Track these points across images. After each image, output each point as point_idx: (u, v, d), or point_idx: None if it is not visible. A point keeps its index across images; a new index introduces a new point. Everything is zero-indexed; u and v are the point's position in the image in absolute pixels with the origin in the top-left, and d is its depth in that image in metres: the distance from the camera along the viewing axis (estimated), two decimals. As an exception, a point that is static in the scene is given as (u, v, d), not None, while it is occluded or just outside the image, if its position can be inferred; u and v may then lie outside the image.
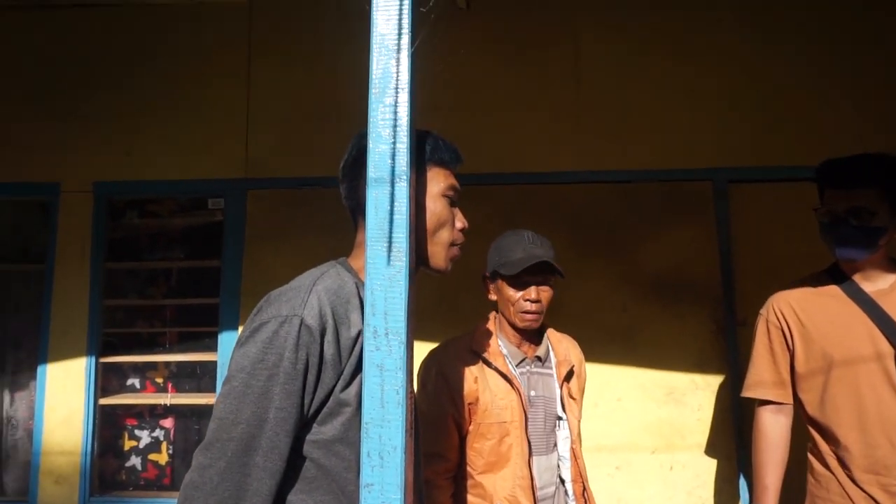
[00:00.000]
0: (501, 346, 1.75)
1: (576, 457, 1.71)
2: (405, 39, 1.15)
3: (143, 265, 3.11)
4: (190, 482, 1.09)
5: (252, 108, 3.00)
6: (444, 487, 1.67)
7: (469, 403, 1.66)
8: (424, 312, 2.66)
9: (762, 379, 1.89)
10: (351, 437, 1.10)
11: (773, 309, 1.88)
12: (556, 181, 2.84)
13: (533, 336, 1.78)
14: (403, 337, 1.06)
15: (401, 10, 1.15)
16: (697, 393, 2.66)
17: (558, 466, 1.71)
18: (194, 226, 3.11)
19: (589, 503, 1.72)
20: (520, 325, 1.72)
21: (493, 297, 1.82)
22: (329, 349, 1.12)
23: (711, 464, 2.62)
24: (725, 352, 2.66)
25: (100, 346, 2.96)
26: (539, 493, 1.64)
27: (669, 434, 2.64)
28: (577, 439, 1.73)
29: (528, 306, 1.70)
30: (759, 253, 2.73)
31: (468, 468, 1.68)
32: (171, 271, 3.11)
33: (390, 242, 1.09)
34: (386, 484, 1.03)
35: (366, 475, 1.03)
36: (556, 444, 1.72)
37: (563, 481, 1.70)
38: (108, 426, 3.01)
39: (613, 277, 2.74)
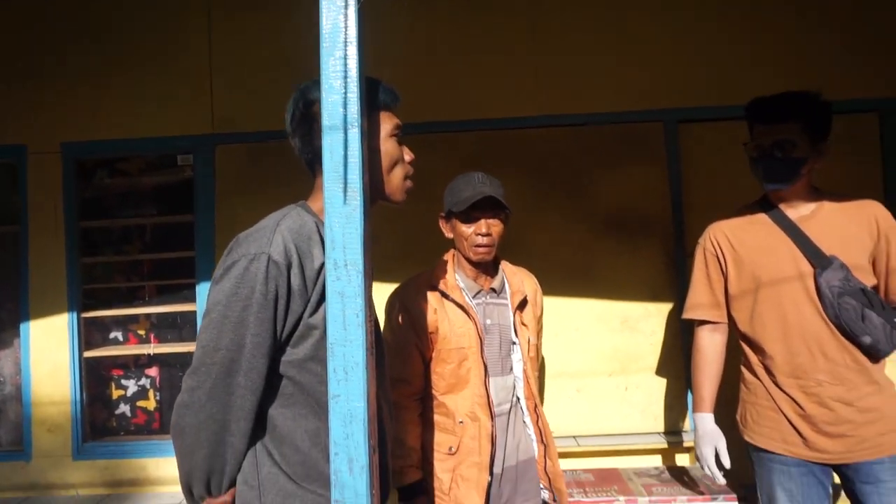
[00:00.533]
0: (459, 279, 1.90)
1: (527, 377, 1.88)
2: (351, -7, 1.24)
3: (116, 223, 3.19)
4: (181, 402, 1.23)
5: (215, 65, 3.03)
6: (412, 408, 1.85)
7: (430, 332, 1.82)
8: (392, 253, 2.82)
9: (699, 301, 2.06)
10: (321, 355, 1.24)
11: (710, 237, 2.04)
12: (516, 126, 2.95)
13: (488, 269, 1.92)
14: (361, 267, 1.19)
15: (346, -34, 1.23)
16: (650, 320, 2.86)
17: (514, 386, 1.88)
18: (165, 182, 3.18)
19: (540, 419, 1.91)
20: (474, 258, 1.86)
21: (449, 235, 1.95)
22: (295, 280, 1.25)
23: (662, 383, 2.85)
24: (676, 281, 2.86)
25: (80, 302, 3.06)
26: (496, 410, 1.81)
27: (624, 359, 2.86)
28: (528, 361, 1.89)
29: (480, 240, 1.83)
30: (707, 188, 2.90)
31: (433, 391, 1.85)
32: (145, 227, 3.19)
33: (345, 183, 1.20)
34: (351, 394, 1.18)
35: (332, 388, 1.18)
36: (511, 367, 1.89)
37: (518, 399, 1.89)
38: (94, 378, 3.14)
39: (571, 216, 2.89)
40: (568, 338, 2.85)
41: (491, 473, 1.79)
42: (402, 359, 1.84)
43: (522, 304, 1.92)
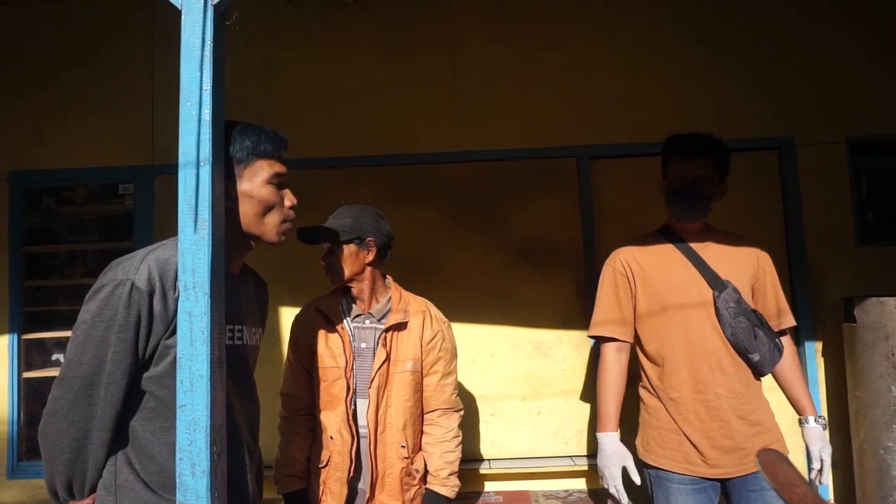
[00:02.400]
0: (344, 302, 2.04)
1: (398, 403, 1.96)
2: (208, 48, 1.40)
3: (58, 248, 3.33)
4: (46, 410, 1.36)
5: (156, 98, 3.22)
6: (299, 422, 1.98)
7: (311, 351, 1.96)
8: (320, 282, 2.96)
9: (607, 319, 2.15)
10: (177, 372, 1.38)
11: (619, 259, 2.16)
12: (437, 161, 3.12)
13: (368, 294, 2.05)
14: (207, 289, 1.33)
15: (204, 24, 1.40)
16: (562, 346, 3.00)
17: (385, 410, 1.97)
18: (107, 211, 3.33)
19: (408, 448, 1.97)
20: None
21: None
22: (157, 306, 1.38)
23: (573, 408, 2.98)
24: (587, 309, 2.98)
25: (21, 324, 3.18)
26: (361, 430, 1.93)
27: (537, 384, 2.99)
28: (403, 388, 1.97)
29: (324, 267, 2.02)
30: (616, 220, 3.07)
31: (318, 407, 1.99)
32: (86, 253, 3.34)
33: (196, 215, 1.36)
34: (195, 404, 1.31)
35: (180, 398, 1.31)
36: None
37: (389, 423, 1.97)
38: (34, 398, 3.23)
39: (488, 245, 3.05)
40: (483, 363, 2.99)
41: (355, 490, 1.90)
42: (290, 374, 1.98)
43: (398, 328, 2.01)
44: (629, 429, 2.17)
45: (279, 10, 3.17)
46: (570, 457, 2.91)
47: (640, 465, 2.07)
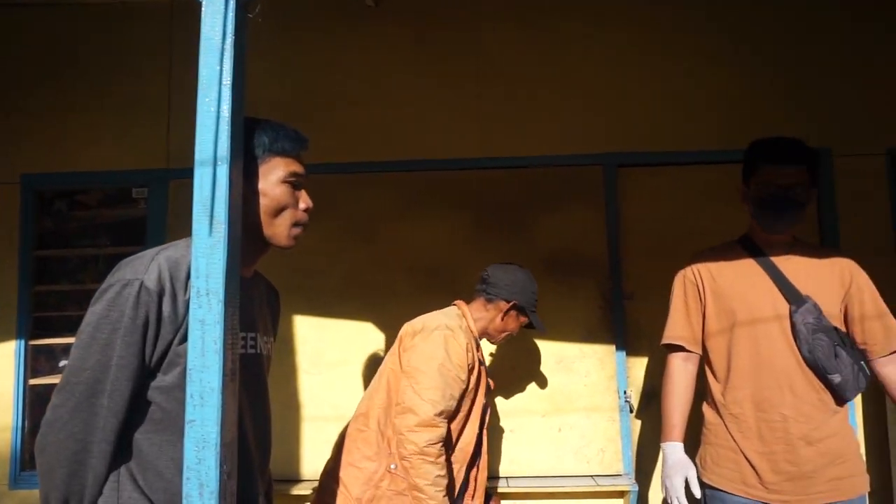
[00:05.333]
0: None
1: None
2: (229, 41, 1.32)
3: (69, 252, 3.26)
4: (45, 420, 1.27)
5: (173, 101, 3.16)
6: None
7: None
8: (332, 289, 2.89)
9: (676, 328, 2.08)
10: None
11: (692, 268, 2.08)
12: (459, 167, 3.03)
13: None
14: (221, 296, 1.24)
15: (225, 16, 1.32)
16: (585, 361, 2.89)
17: None
18: (121, 215, 3.27)
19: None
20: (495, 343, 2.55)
21: (497, 316, 2.31)
22: (167, 308, 1.30)
23: (597, 425, 2.85)
24: (611, 323, 2.89)
25: (29, 329, 3.11)
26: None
27: (559, 399, 2.87)
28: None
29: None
30: (644, 232, 2.96)
31: None
32: (98, 258, 3.27)
33: (212, 216, 1.27)
34: (206, 420, 1.21)
35: (189, 412, 1.21)
36: None
37: None
38: (40, 405, 3.16)
39: (511, 255, 2.92)
40: (503, 377, 2.87)
41: None
42: None
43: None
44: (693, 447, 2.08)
45: (299, 9, 3.10)
46: (592, 476, 2.79)
47: (701, 485, 1.97)
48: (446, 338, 2.06)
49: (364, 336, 2.94)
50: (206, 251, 1.26)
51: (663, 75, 3.03)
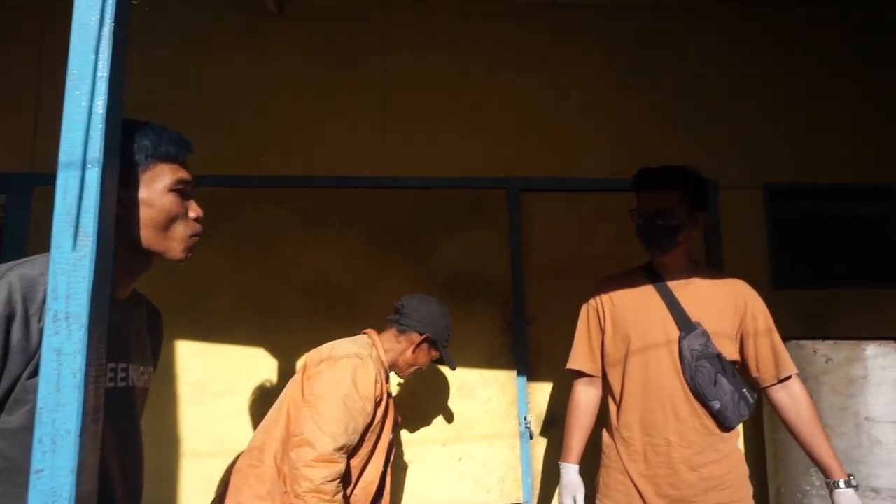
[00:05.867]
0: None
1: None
2: (107, 29, 1.15)
3: None
4: None
5: (43, 98, 2.82)
6: None
7: None
8: (223, 311, 2.67)
9: (578, 354, 2.12)
10: None
11: (595, 294, 2.12)
12: (362, 185, 2.93)
13: None
14: (85, 321, 1.06)
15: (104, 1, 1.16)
16: (487, 387, 2.84)
17: None
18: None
19: None
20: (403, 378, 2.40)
21: (409, 349, 2.19)
22: (16, 335, 1.10)
23: (497, 453, 2.81)
24: (513, 348, 2.87)
25: None
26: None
27: (460, 427, 2.80)
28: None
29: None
30: (545, 256, 2.98)
31: None
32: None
33: (77, 227, 1.08)
34: (57, 469, 1.02)
35: (36, 461, 1.02)
36: None
37: None
38: None
39: (413, 278, 2.86)
40: (403, 405, 2.76)
41: None
42: None
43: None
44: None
45: (198, 7, 2.89)
46: (493, 506, 2.74)
47: None
48: (355, 367, 1.93)
49: (254, 363, 2.73)
50: (68, 268, 1.07)
51: (564, 105, 3.10)
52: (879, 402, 2.43)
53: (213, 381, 2.70)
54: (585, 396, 2.08)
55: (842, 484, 1.86)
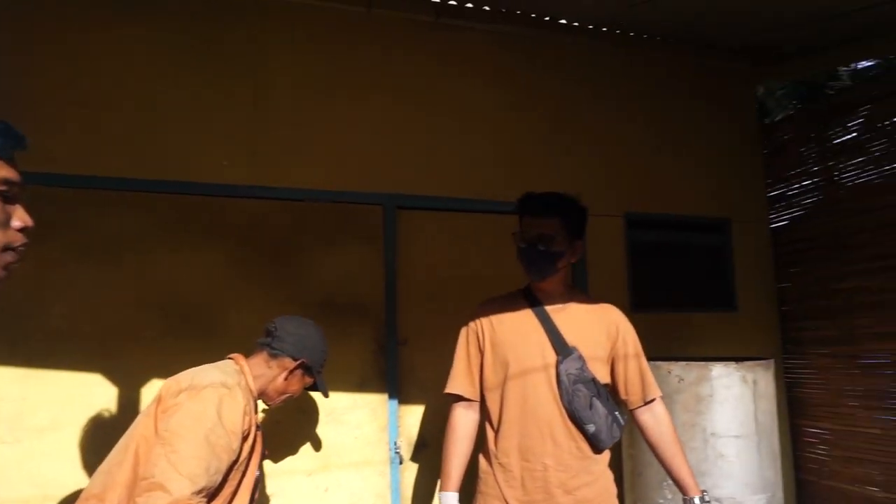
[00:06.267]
0: None
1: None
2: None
3: None
4: None
5: None
6: None
7: None
8: (59, 329, 2.30)
9: (456, 378, 2.08)
10: None
11: (474, 317, 2.10)
12: (224, 194, 2.68)
13: None
14: None
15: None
16: (357, 412, 2.71)
17: None
18: None
19: None
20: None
21: (281, 374, 2.00)
22: None
23: (367, 480, 2.68)
24: (385, 371, 2.77)
25: None
26: None
27: (328, 455, 2.64)
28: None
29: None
30: (420, 276, 2.92)
31: None
32: None
33: None
34: None
35: None
36: None
37: None
38: None
39: (280, 296, 2.66)
40: (266, 433, 2.54)
41: None
42: None
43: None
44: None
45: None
46: (360, 539, 2.59)
47: None
48: (221, 397, 1.71)
49: (88, 391, 2.36)
50: None
51: (442, 124, 3.08)
52: (723, 419, 2.64)
53: (32, 414, 2.29)
54: (464, 420, 2.06)
55: (696, 501, 2.00)
